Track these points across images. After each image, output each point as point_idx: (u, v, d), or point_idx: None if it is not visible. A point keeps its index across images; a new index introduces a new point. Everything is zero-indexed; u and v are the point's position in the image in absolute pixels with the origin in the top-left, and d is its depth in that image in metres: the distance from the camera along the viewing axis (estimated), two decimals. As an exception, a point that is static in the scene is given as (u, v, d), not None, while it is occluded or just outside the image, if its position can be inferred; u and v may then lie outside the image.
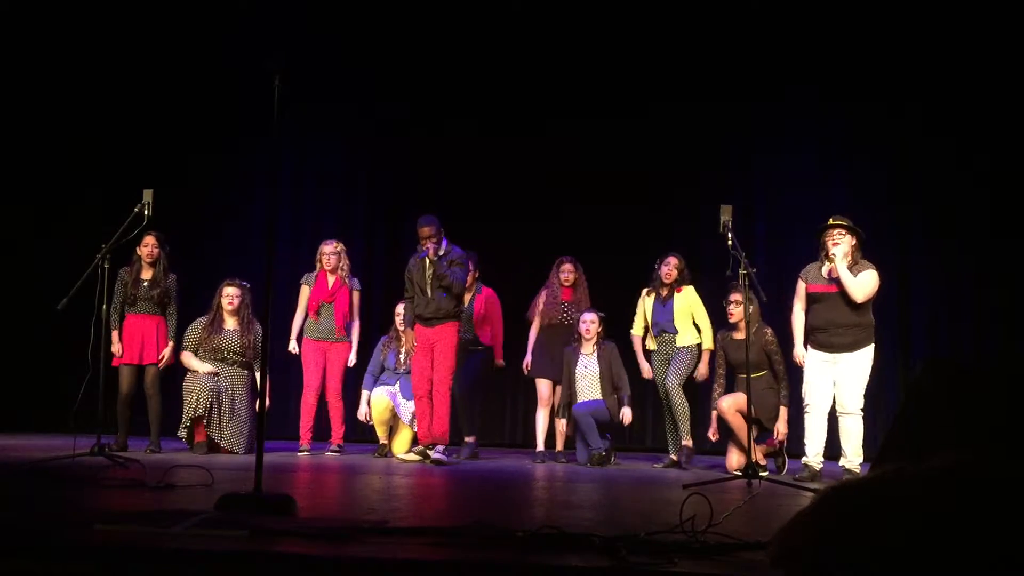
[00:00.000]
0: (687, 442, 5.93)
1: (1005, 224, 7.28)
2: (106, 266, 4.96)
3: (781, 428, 5.51)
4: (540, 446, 6.35)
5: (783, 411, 5.51)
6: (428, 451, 5.74)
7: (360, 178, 8.76)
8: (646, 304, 6.18)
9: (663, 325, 6.05)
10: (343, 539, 2.13)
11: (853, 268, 5.07)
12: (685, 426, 5.94)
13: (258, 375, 6.17)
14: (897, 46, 7.67)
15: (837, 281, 5.06)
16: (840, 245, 5.05)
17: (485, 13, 8.20)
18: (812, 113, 8.03)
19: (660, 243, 6.52)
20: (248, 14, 8.34)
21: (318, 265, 6.55)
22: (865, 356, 5.05)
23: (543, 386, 6.42)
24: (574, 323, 6.36)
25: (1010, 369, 1.99)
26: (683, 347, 6.00)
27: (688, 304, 6.05)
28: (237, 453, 6.05)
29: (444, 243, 5.87)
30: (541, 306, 6.51)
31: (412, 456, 5.83)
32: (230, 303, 6.31)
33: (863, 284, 5.03)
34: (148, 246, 6.18)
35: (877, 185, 7.84)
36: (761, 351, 5.50)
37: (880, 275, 5.17)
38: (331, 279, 6.50)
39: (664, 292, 6.09)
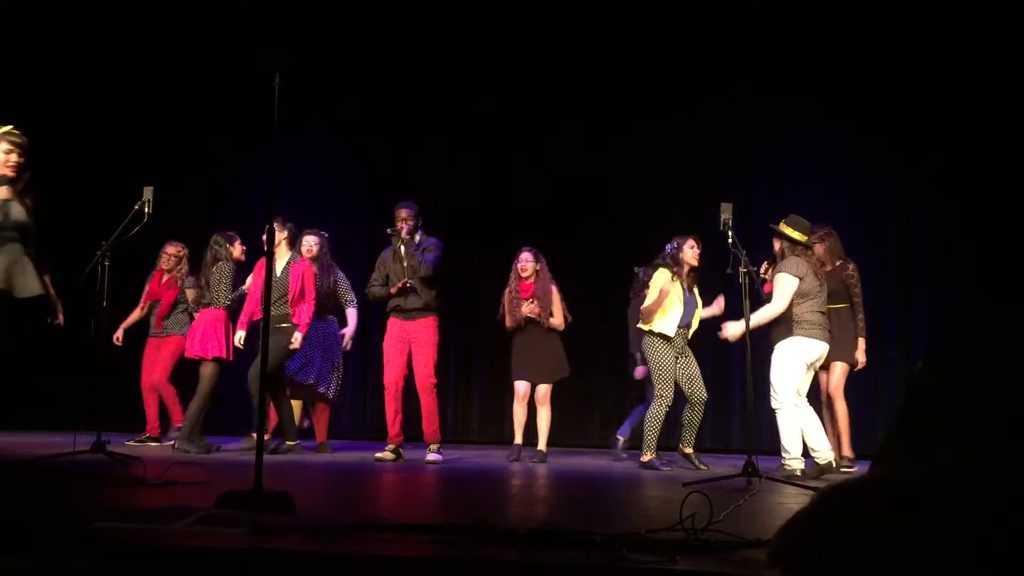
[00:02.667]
0: (689, 450, 5.80)
1: (1005, 224, 7.28)
2: (106, 264, 4.96)
3: (860, 358, 5.59)
4: (518, 439, 6.22)
5: (861, 342, 5.59)
6: (400, 450, 5.69)
7: (359, 178, 8.76)
8: (676, 289, 5.73)
9: (688, 319, 5.78)
10: (342, 536, 2.13)
11: (772, 271, 5.27)
12: (692, 435, 5.83)
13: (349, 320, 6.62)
14: (897, 47, 7.67)
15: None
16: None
17: (484, 13, 8.20)
18: (812, 112, 8.03)
19: (659, 243, 6.48)
20: (248, 13, 8.34)
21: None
22: (777, 350, 5.13)
23: (520, 385, 6.24)
24: (540, 318, 6.13)
25: (1009, 368, 1.99)
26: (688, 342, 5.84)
27: (697, 296, 5.89)
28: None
29: (420, 233, 5.82)
30: (506, 309, 6.25)
31: (387, 455, 5.64)
32: (308, 250, 6.31)
33: (774, 292, 5.19)
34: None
35: (877, 185, 7.84)
36: (840, 283, 5.60)
37: (881, 275, 5.32)
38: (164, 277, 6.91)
39: (688, 281, 5.80)
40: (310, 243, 6.35)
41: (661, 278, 5.69)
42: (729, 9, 7.93)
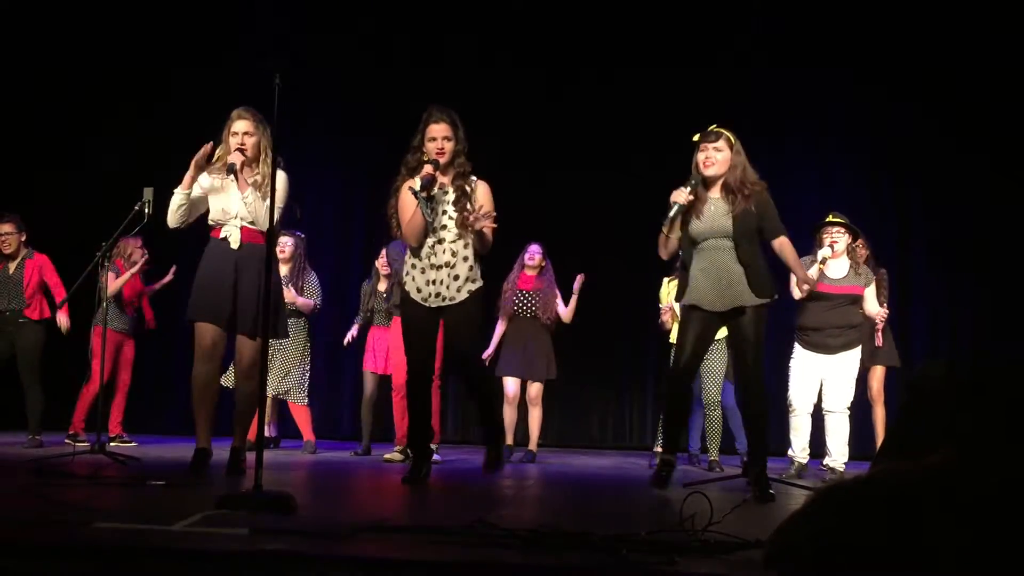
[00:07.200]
0: (715, 457, 5.75)
1: (1005, 223, 7.28)
2: (106, 265, 4.96)
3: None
4: (508, 440, 6.00)
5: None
6: (408, 451, 5.68)
7: (359, 174, 8.75)
8: (672, 292, 5.74)
9: None
10: (343, 538, 2.13)
11: (859, 269, 5.14)
12: (718, 441, 5.78)
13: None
14: (896, 44, 7.67)
15: (838, 282, 5.09)
16: (839, 243, 5.06)
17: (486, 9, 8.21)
18: (812, 112, 8.03)
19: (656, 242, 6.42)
20: (247, 13, 8.34)
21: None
22: (856, 355, 5.13)
23: (509, 384, 6.11)
24: (536, 314, 6.06)
25: (1009, 369, 2.00)
26: (718, 340, 5.65)
27: None
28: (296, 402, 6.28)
29: None
30: (503, 299, 6.13)
31: (396, 455, 5.66)
32: (280, 251, 6.03)
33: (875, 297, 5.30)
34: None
35: (878, 184, 7.84)
36: (884, 288, 5.73)
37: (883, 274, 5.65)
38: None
39: None
40: (283, 244, 6.08)
41: (663, 291, 5.90)
42: (730, 5, 7.93)
